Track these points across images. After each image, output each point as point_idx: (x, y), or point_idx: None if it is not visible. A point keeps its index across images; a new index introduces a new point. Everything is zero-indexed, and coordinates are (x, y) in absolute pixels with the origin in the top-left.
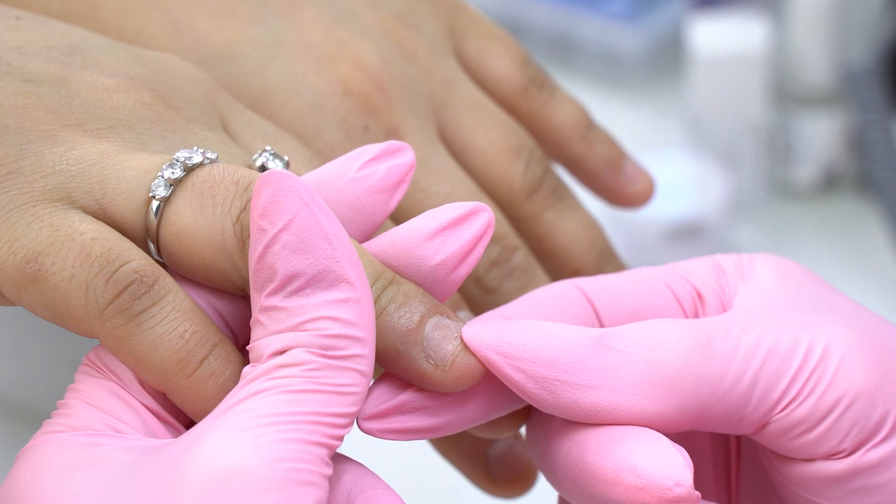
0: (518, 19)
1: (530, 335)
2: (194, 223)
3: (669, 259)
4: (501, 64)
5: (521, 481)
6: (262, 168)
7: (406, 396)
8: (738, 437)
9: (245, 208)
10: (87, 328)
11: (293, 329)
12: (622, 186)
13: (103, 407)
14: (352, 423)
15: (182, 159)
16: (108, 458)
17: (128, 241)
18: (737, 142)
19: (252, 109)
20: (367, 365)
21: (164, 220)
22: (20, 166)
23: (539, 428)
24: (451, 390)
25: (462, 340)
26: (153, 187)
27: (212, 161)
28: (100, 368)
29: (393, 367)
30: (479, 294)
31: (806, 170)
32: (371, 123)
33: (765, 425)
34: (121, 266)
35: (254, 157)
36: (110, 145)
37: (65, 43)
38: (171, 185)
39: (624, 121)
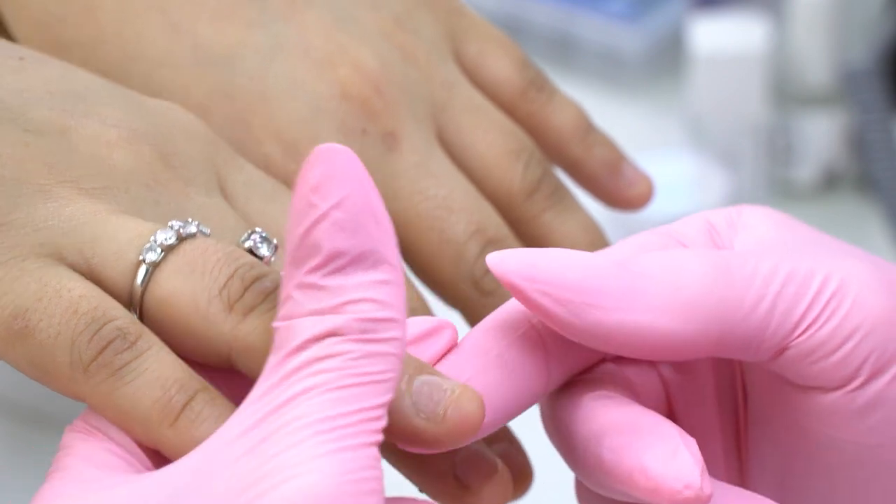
0: (518, 19)
1: (555, 260)
2: (182, 288)
3: None
4: (501, 66)
5: (517, 485)
6: (250, 251)
7: None
8: (744, 388)
9: (233, 276)
10: (73, 386)
11: (332, 311)
12: (621, 189)
13: (102, 464)
14: (386, 412)
15: (176, 227)
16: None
17: (114, 301)
18: (737, 141)
19: (251, 114)
20: (402, 348)
21: (151, 284)
22: (12, 219)
23: (557, 417)
24: (450, 446)
25: (453, 391)
26: (144, 251)
27: (205, 235)
28: (90, 431)
29: (385, 430)
30: (476, 296)
31: (806, 170)
32: (369, 126)
33: (783, 350)
34: (105, 324)
35: (242, 238)
36: (103, 206)
37: (67, 88)
38: (162, 250)
39: (624, 121)
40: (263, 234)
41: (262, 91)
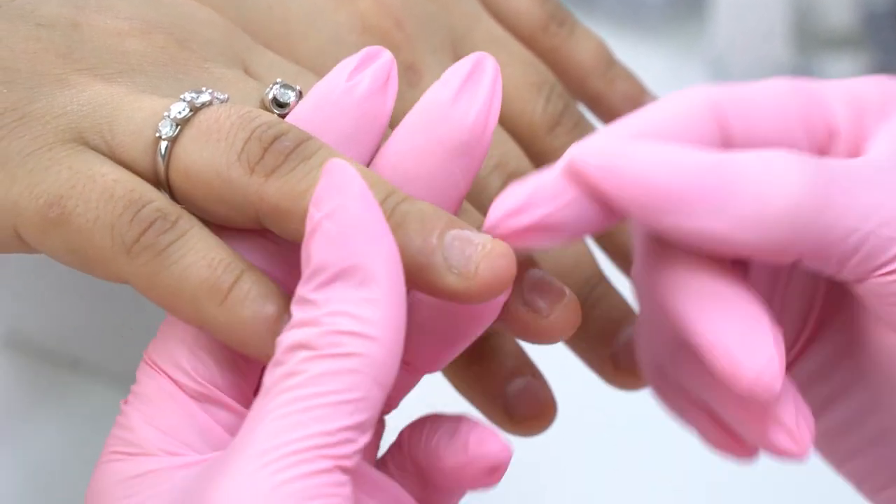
0: None
1: (640, 159)
2: (200, 158)
3: None
4: (521, 0)
5: (539, 419)
6: (275, 100)
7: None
8: (821, 309)
9: (250, 138)
10: (115, 269)
11: (309, 323)
12: None
13: (160, 423)
14: (367, 431)
15: (189, 99)
16: (162, 483)
17: (148, 184)
18: None
19: (271, 45)
20: (370, 367)
21: (172, 159)
22: (32, 109)
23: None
24: (482, 301)
25: (484, 246)
26: (160, 127)
27: (221, 101)
28: (156, 367)
29: (418, 287)
30: None
31: None
32: None
33: (862, 280)
34: (144, 206)
35: (265, 90)
36: (120, 88)
37: None
38: (177, 124)
39: (645, 63)
40: (285, 83)
41: (282, 21)
